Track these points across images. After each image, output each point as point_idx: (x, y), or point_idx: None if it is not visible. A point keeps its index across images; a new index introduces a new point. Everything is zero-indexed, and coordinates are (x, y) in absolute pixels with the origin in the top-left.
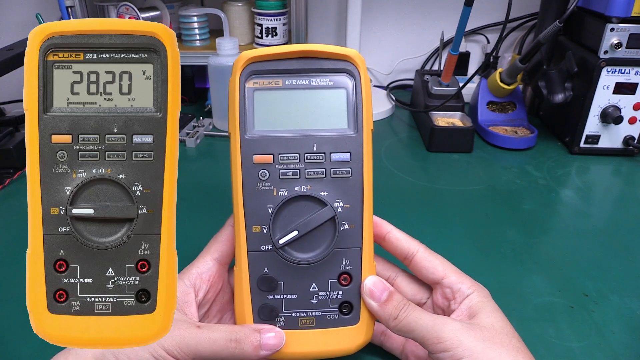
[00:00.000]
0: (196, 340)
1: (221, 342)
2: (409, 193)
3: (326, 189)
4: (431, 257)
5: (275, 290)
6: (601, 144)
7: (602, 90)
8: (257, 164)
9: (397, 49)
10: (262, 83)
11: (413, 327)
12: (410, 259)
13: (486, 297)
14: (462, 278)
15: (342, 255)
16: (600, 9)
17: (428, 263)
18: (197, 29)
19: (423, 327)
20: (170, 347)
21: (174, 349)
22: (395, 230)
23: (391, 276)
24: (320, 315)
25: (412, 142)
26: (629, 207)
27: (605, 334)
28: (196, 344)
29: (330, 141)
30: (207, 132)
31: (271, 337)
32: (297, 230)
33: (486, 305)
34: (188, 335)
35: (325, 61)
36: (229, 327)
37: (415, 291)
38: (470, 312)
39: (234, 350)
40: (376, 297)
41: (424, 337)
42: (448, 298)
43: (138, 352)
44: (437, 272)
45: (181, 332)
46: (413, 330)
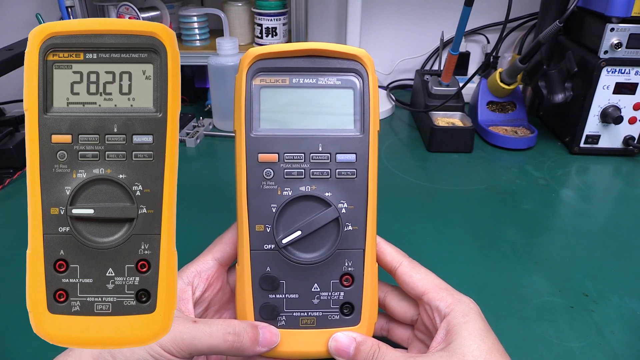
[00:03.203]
0: (192, 335)
1: (218, 336)
2: (409, 193)
3: (331, 190)
4: (412, 271)
5: (277, 290)
6: (601, 144)
7: (602, 90)
8: (262, 163)
9: (397, 49)
10: (268, 81)
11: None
12: (394, 273)
13: (465, 317)
14: (442, 295)
15: (344, 257)
16: (600, 9)
17: (408, 278)
18: (197, 29)
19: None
20: (166, 344)
21: (170, 346)
22: (383, 243)
23: (380, 296)
24: (321, 316)
25: (412, 142)
26: (629, 207)
27: (605, 334)
28: (192, 338)
29: (336, 141)
30: (207, 132)
31: (267, 333)
32: (301, 230)
33: (464, 327)
34: (184, 330)
35: (333, 60)
36: (227, 321)
37: (406, 309)
38: (447, 337)
39: (231, 344)
40: (344, 354)
41: None
42: (430, 317)
43: (135, 351)
44: (417, 288)
45: (177, 327)
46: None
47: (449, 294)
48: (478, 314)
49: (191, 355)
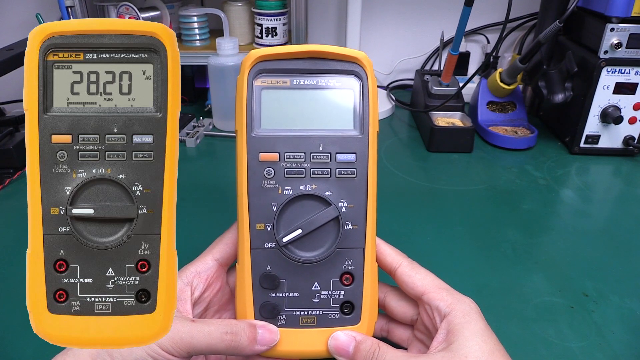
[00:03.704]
0: (191, 335)
1: (217, 335)
2: (409, 193)
3: (331, 189)
4: (412, 271)
5: (277, 289)
6: (601, 144)
7: (602, 90)
8: (263, 162)
9: (397, 49)
10: (270, 82)
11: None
12: (393, 273)
13: (466, 317)
14: (442, 294)
15: (344, 255)
16: (600, 9)
17: (408, 278)
18: (197, 29)
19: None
20: (165, 344)
21: (168, 345)
22: (383, 244)
23: (380, 297)
24: (321, 315)
25: (412, 142)
26: (629, 207)
27: (605, 334)
28: (191, 337)
29: (336, 141)
30: (207, 132)
31: (266, 332)
32: (301, 229)
33: (465, 327)
34: (182, 329)
35: (334, 62)
36: (225, 321)
37: (405, 309)
38: (449, 337)
39: (229, 343)
40: (344, 352)
41: None
42: (430, 317)
43: (133, 350)
44: (416, 288)
45: (175, 327)
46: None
47: (448, 293)
48: (478, 314)
49: (189, 354)
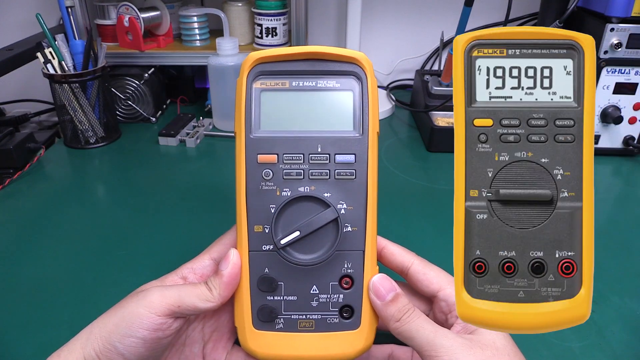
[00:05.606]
0: (179, 290)
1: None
2: (409, 193)
3: (330, 190)
4: (425, 269)
5: (276, 291)
6: (601, 144)
7: (602, 90)
8: (261, 164)
9: (397, 49)
10: (269, 84)
11: (413, 335)
12: (406, 273)
13: None
14: None
15: (344, 258)
16: (600, 9)
17: (422, 276)
18: (197, 29)
19: (423, 336)
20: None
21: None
22: (390, 244)
23: None
24: (320, 319)
25: (412, 142)
26: (629, 207)
27: (605, 334)
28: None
29: (335, 142)
30: (207, 132)
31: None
32: (299, 231)
33: None
34: (172, 287)
35: (333, 63)
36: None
37: (416, 305)
38: (469, 327)
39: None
40: (381, 296)
41: (421, 347)
42: (444, 312)
43: None
44: (432, 285)
45: (163, 290)
46: (413, 337)
47: None
48: None
49: (175, 312)
